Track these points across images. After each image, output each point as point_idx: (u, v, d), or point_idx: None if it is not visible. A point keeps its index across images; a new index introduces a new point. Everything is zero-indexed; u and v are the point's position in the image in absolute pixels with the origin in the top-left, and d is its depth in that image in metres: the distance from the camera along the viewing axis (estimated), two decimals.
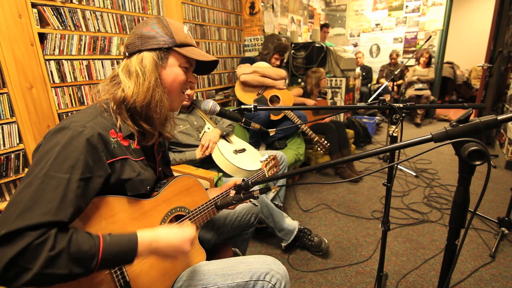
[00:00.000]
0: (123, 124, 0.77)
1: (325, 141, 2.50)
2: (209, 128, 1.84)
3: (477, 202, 0.58)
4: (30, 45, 1.48)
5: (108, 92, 0.79)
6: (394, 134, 1.04)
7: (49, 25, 1.57)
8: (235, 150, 1.85)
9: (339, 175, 2.95)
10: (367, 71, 5.68)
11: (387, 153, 2.18)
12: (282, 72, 2.65)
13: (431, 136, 0.57)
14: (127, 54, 0.80)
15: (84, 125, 0.68)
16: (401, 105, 0.99)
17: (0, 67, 1.38)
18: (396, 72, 3.69)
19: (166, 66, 0.80)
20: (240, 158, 1.81)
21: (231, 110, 0.91)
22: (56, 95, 1.62)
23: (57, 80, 1.62)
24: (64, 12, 1.62)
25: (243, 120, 0.93)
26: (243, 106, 0.89)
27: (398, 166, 2.98)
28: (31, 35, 1.48)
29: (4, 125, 1.42)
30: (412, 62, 5.39)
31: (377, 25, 5.93)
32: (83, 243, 0.58)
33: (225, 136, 1.90)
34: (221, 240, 1.24)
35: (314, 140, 2.54)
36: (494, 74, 3.74)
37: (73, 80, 1.70)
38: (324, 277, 1.60)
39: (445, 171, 2.98)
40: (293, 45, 3.64)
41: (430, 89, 4.97)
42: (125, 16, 1.97)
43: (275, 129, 1.16)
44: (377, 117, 4.74)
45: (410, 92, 4.93)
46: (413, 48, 5.58)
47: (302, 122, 2.32)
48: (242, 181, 0.88)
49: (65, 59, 1.65)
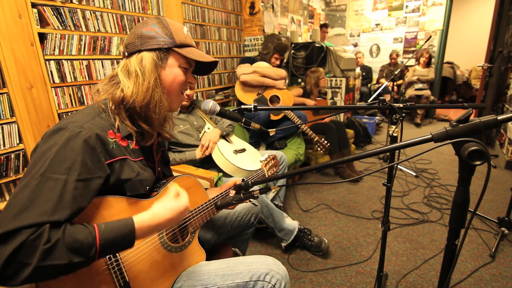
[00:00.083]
0: (122, 125, 0.77)
1: (325, 141, 2.50)
2: (209, 128, 1.84)
3: (477, 202, 0.58)
4: (30, 45, 1.48)
5: (107, 92, 0.79)
6: (394, 134, 1.04)
7: (49, 25, 1.57)
8: (235, 150, 1.85)
9: (339, 175, 2.95)
10: (367, 71, 5.68)
11: (387, 153, 2.18)
12: (282, 72, 2.64)
13: (431, 136, 0.57)
14: (127, 54, 0.80)
15: (82, 126, 0.68)
16: (401, 105, 0.99)
17: (0, 67, 1.38)
18: (396, 72, 3.69)
19: (166, 67, 0.80)
20: (240, 158, 1.81)
21: (231, 110, 0.91)
22: (56, 95, 1.62)
23: (57, 80, 1.62)
24: (64, 12, 1.62)
25: (243, 120, 0.93)
26: (243, 106, 0.89)
27: (398, 166, 2.98)
28: (31, 35, 1.48)
29: (4, 125, 1.42)
30: (412, 62, 5.39)
31: (377, 25, 5.93)
32: (78, 232, 0.59)
33: (225, 136, 1.90)
34: (221, 240, 1.24)
35: (314, 140, 2.54)
36: (494, 74, 3.74)
37: (73, 80, 1.70)
38: (324, 277, 1.60)
39: (445, 171, 2.98)
40: (293, 45, 3.64)
41: (430, 89, 4.97)
42: (125, 16, 1.97)
43: (275, 129, 1.16)
44: (377, 117, 4.74)
45: (410, 92, 4.93)
46: (413, 48, 5.58)
47: (302, 122, 2.31)
48: (242, 181, 0.88)
49: (65, 59, 1.65)
